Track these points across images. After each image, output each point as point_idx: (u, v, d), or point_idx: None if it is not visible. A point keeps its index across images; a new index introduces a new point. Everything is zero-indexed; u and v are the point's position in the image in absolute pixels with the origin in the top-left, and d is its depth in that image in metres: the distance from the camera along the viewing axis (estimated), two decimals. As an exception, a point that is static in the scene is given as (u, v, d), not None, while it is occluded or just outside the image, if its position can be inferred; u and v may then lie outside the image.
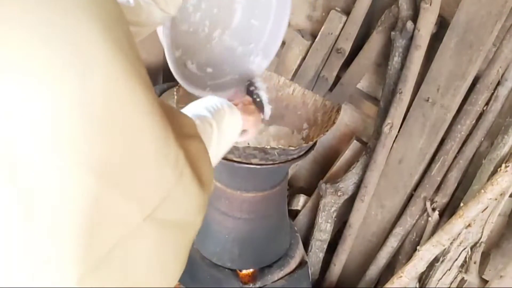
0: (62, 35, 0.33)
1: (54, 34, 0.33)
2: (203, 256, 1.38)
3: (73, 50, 0.33)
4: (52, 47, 0.32)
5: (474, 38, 1.30)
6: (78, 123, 0.33)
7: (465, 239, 1.34)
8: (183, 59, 0.89)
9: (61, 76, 0.33)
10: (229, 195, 1.27)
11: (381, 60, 1.58)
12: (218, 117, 0.64)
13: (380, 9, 1.55)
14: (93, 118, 0.34)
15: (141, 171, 0.39)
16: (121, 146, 0.36)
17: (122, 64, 0.36)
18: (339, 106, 1.26)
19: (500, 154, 1.29)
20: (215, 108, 0.66)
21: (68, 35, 0.33)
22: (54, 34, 0.33)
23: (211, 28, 0.92)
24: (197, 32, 0.93)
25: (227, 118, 0.67)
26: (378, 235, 1.58)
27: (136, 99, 0.37)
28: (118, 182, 0.37)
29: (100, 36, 0.35)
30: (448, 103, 1.38)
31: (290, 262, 1.43)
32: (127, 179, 0.37)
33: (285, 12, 0.91)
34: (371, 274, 1.58)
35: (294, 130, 1.35)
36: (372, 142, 1.54)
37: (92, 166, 0.35)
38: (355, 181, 1.58)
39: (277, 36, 0.93)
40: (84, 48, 0.34)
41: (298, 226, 1.73)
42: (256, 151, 1.07)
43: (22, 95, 0.32)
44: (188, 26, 0.91)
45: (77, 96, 0.33)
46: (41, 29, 0.32)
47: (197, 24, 0.92)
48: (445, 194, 1.42)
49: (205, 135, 0.57)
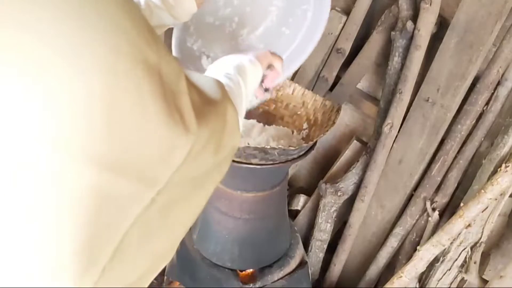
0: (62, 33, 0.33)
1: (53, 32, 0.33)
2: (203, 256, 1.38)
3: (73, 48, 0.33)
4: (51, 46, 0.32)
5: (474, 38, 1.30)
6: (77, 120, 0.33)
7: (465, 239, 1.34)
8: (200, 51, 0.88)
9: (61, 75, 0.33)
10: (229, 195, 1.27)
11: (381, 60, 1.58)
12: (242, 73, 0.64)
13: (380, 9, 1.55)
14: (94, 114, 0.34)
15: (147, 156, 0.38)
16: (126, 141, 0.36)
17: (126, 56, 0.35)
18: (339, 106, 1.26)
19: (500, 154, 1.29)
20: (239, 65, 0.66)
21: (69, 33, 0.33)
22: (53, 32, 0.33)
23: (239, 26, 0.90)
24: (223, 27, 0.91)
25: (249, 71, 0.67)
26: (378, 235, 1.58)
27: (140, 95, 0.36)
28: (124, 172, 0.36)
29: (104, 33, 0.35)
30: (448, 103, 1.38)
31: (290, 262, 1.43)
32: (132, 166, 0.37)
33: (318, 28, 0.88)
34: (371, 274, 1.58)
35: (294, 130, 1.35)
36: (372, 142, 1.54)
37: (95, 161, 0.34)
38: (355, 181, 1.58)
39: (304, 50, 0.89)
40: (84, 45, 0.34)
41: (298, 226, 1.73)
42: (256, 151, 1.07)
43: (20, 93, 0.32)
44: (214, 19, 0.90)
45: (77, 93, 0.33)
46: (40, 27, 0.32)
47: (225, 19, 0.90)
48: (445, 194, 1.43)
49: (236, 94, 0.58)
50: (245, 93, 0.62)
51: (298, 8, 0.90)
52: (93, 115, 0.34)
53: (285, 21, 0.91)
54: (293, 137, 1.32)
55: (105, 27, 0.35)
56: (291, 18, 0.90)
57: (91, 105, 0.34)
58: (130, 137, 0.36)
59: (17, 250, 0.35)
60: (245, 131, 1.33)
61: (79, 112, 0.33)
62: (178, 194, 0.44)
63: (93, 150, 0.34)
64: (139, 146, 0.37)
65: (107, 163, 0.35)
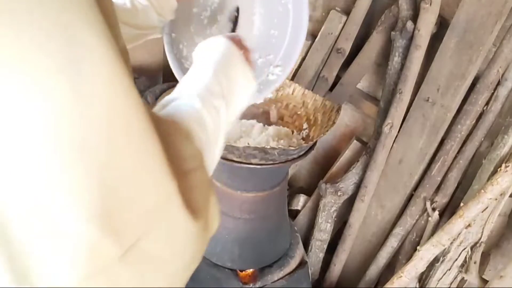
0: (56, 36, 0.33)
1: (48, 35, 0.33)
2: (203, 256, 1.38)
3: (68, 51, 0.33)
4: (45, 48, 0.32)
5: (474, 38, 1.30)
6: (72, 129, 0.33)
7: (465, 239, 1.34)
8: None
9: (54, 78, 0.32)
10: (229, 195, 1.27)
11: (381, 60, 1.58)
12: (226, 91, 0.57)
13: (380, 9, 1.55)
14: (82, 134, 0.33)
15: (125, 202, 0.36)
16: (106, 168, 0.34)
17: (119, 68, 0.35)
18: (339, 106, 1.26)
19: (500, 154, 1.29)
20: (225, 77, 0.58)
21: (63, 35, 0.33)
22: (48, 34, 0.33)
23: None
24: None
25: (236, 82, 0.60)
26: (378, 235, 1.58)
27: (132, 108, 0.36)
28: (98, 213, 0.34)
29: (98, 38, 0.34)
30: (448, 103, 1.38)
31: (290, 262, 1.43)
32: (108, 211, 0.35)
33: (303, 13, 0.88)
34: (371, 274, 1.58)
35: (294, 130, 1.35)
36: (372, 142, 1.54)
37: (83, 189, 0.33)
38: (355, 181, 1.58)
39: (297, 40, 0.89)
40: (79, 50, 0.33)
41: (298, 226, 1.73)
42: (256, 151, 1.07)
43: (13, 96, 0.32)
44: (203, 38, 0.91)
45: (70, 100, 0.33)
46: (34, 30, 0.32)
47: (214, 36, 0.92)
48: (445, 194, 1.43)
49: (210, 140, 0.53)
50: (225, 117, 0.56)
51: (279, 5, 0.90)
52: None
53: (271, 24, 0.92)
54: (293, 137, 1.33)
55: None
56: (275, 18, 0.91)
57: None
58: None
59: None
60: (245, 131, 1.34)
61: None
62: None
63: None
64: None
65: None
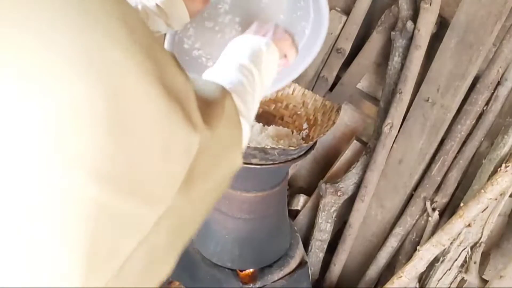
0: (65, 37, 0.33)
1: (56, 35, 0.32)
2: (203, 256, 1.38)
3: (76, 52, 0.33)
4: (53, 49, 0.32)
5: (474, 38, 1.30)
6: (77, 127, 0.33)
7: (465, 239, 1.34)
8: (199, 53, 0.88)
9: (61, 78, 0.32)
10: (229, 195, 1.27)
11: (381, 60, 1.58)
12: (257, 60, 0.63)
13: (380, 9, 1.55)
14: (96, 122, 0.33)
15: (148, 172, 0.37)
16: (126, 151, 0.35)
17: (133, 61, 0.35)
18: (339, 106, 1.26)
19: (500, 154, 1.29)
20: (255, 50, 0.65)
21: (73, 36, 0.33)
22: (56, 35, 0.32)
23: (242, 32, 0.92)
24: (223, 33, 0.92)
25: (265, 57, 0.65)
26: (378, 235, 1.58)
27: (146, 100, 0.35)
28: (125, 188, 0.35)
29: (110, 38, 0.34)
30: (448, 103, 1.38)
31: (290, 262, 1.43)
32: (134, 183, 0.36)
33: (314, 47, 0.90)
34: (371, 274, 1.58)
35: (294, 130, 1.35)
36: (372, 142, 1.54)
37: (94, 174, 0.33)
38: (355, 181, 1.58)
39: (303, 62, 0.92)
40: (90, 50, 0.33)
41: (298, 226, 1.73)
42: (256, 151, 1.07)
43: (19, 96, 0.31)
44: (214, 24, 0.90)
45: (78, 99, 0.32)
46: (43, 30, 0.32)
47: (225, 25, 0.91)
48: (445, 194, 1.43)
49: (247, 91, 0.57)
50: (260, 82, 0.61)
51: (299, 24, 0.92)
52: (96, 124, 0.33)
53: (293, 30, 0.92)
54: (293, 137, 1.33)
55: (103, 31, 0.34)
56: (299, 26, 0.92)
57: (94, 111, 0.33)
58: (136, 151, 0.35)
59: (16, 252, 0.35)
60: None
61: (81, 117, 0.32)
62: (182, 217, 0.44)
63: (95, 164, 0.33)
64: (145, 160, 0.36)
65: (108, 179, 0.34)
